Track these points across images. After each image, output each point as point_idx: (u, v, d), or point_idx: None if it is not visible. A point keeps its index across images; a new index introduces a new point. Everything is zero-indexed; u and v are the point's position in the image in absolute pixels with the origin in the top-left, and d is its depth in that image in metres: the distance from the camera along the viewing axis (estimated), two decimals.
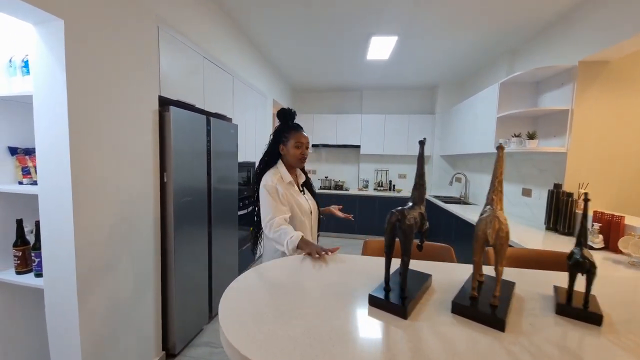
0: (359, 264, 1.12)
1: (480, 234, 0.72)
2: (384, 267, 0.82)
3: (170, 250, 1.83)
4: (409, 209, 0.75)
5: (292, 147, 1.40)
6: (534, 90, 2.74)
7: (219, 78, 2.47)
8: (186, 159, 1.92)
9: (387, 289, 0.77)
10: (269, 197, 1.32)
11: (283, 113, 1.45)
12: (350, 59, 3.51)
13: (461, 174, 4.18)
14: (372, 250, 1.24)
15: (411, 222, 0.70)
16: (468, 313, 0.71)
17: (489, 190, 0.82)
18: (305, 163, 1.45)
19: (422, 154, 0.77)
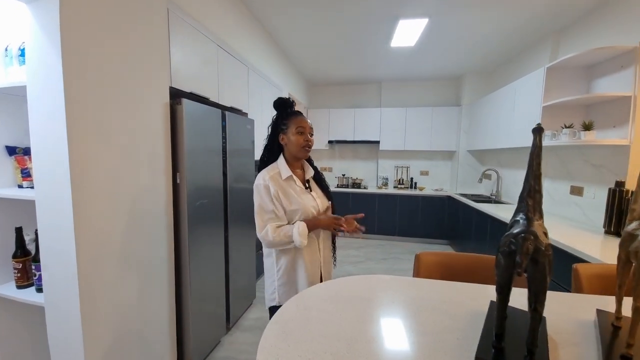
0: (427, 293, 0.85)
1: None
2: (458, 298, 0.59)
3: (184, 257, 1.66)
4: (529, 226, 0.50)
5: (293, 134, 1.21)
6: (585, 76, 2.41)
7: (234, 69, 2.28)
8: (201, 158, 1.74)
9: (499, 347, 0.54)
10: (257, 205, 1.18)
11: (281, 102, 1.27)
12: (372, 47, 3.25)
13: (492, 170, 3.86)
14: (427, 267, 1.02)
15: (550, 251, 0.47)
16: None
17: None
18: (310, 151, 1.26)
19: (540, 146, 0.54)
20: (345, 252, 3.97)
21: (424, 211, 4.34)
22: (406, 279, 0.92)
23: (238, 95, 2.37)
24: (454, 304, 0.76)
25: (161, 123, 1.51)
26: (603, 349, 0.53)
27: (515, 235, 0.48)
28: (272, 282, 1.25)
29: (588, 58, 2.20)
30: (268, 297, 1.26)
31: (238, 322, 2.27)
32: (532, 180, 0.53)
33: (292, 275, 1.22)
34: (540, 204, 0.53)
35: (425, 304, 0.77)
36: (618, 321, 0.62)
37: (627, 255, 0.53)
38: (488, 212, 2.93)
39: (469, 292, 0.82)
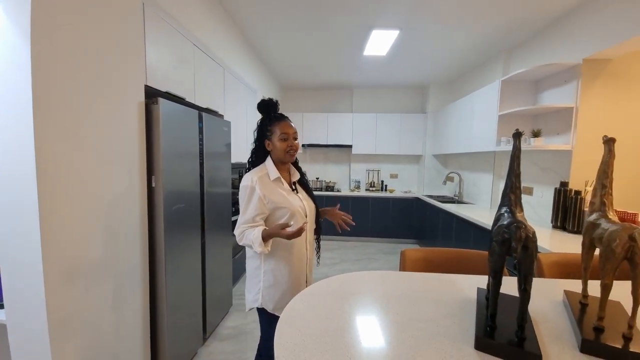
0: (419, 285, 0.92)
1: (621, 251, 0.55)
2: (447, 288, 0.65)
3: (159, 265, 1.57)
4: (514, 217, 0.58)
5: (277, 140, 1.23)
6: (534, 89, 2.73)
7: (210, 70, 2.22)
8: (177, 160, 1.67)
9: (494, 326, 0.60)
10: (244, 200, 1.19)
11: (264, 104, 1.28)
12: (346, 54, 3.36)
13: (455, 173, 4.17)
14: (413, 263, 1.08)
15: (535, 238, 0.54)
16: (602, 351, 0.56)
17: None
18: (295, 156, 1.29)
19: (519, 148, 0.62)
20: (324, 254, 3.99)
21: (394, 212, 4.54)
22: (397, 274, 0.98)
23: (214, 96, 2.30)
24: (444, 293, 0.82)
25: (136, 123, 1.43)
26: (577, 323, 0.62)
27: (508, 225, 0.54)
28: (256, 283, 1.24)
29: (536, 73, 2.50)
30: (251, 298, 1.26)
31: (215, 331, 2.18)
32: (513, 177, 0.60)
33: (279, 277, 1.22)
34: (520, 198, 0.61)
35: (419, 295, 0.82)
36: (585, 299, 0.72)
37: (591, 241, 0.62)
38: (453, 211, 3.16)
39: (456, 283, 0.90)
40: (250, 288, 1.26)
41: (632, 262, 0.53)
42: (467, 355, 0.58)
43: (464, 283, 0.89)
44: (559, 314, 0.72)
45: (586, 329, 0.59)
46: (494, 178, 3.27)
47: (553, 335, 0.63)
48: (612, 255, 0.54)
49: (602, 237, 0.58)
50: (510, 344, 0.56)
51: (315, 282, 0.94)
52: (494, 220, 0.63)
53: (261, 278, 1.22)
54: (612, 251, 0.54)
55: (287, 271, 1.22)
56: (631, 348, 0.54)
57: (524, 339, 0.56)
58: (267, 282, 1.21)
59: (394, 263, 3.72)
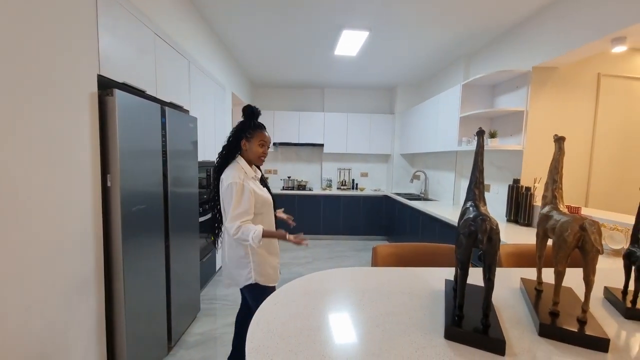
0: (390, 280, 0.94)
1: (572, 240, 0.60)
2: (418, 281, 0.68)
3: (117, 271, 1.44)
4: (479, 210, 0.61)
5: (255, 144, 1.44)
6: (490, 93, 2.94)
7: (173, 62, 2.09)
8: (137, 158, 1.54)
9: (461, 315, 0.63)
10: (236, 196, 1.32)
11: (251, 110, 1.49)
12: (317, 53, 3.36)
13: (421, 172, 4.36)
14: (384, 259, 1.11)
15: (499, 230, 0.57)
16: (559, 334, 0.60)
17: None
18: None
19: (482, 146, 0.65)
20: (294, 253, 3.97)
21: (365, 210, 4.64)
22: (368, 269, 0.99)
23: (178, 90, 2.17)
24: (415, 286, 0.85)
25: (87, 116, 1.29)
26: (534, 308, 0.67)
27: (474, 218, 0.57)
28: (245, 264, 1.42)
29: (493, 78, 2.70)
30: (244, 277, 1.43)
31: (181, 339, 2.07)
32: (477, 173, 0.64)
33: (265, 257, 1.45)
34: (483, 193, 0.65)
35: (392, 289, 0.84)
36: (540, 286, 0.78)
37: (545, 232, 0.68)
38: (420, 208, 3.31)
39: (425, 275, 0.93)
40: (239, 271, 1.43)
41: (583, 250, 0.59)
42: (438, 345, 0.60)
43: (433, 275, 0.93)
44: (517, 300, 0.77)
45: (543, 314, 0.65)
46: (456, 176, 3.48)
47: (514, 320, 0.67)
48: (564, 244, 0.60)
49: (555, 228, 0.64)
50: (477, 331, 0.59)
51: (289, 281, 0.92)
52: (460, 214, 0.67)
53: (250, 259, 1.41)
54: (564, 240, 0.60)
55: (270, 252, 1.47)
56: (586, 331, 0.60)
57: (489, 326, 0.59)
58: (257, 262, 1.42)
59: (366, 260, 3.81)
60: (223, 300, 2.64)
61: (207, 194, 2.78)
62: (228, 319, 2.33)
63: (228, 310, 2.47)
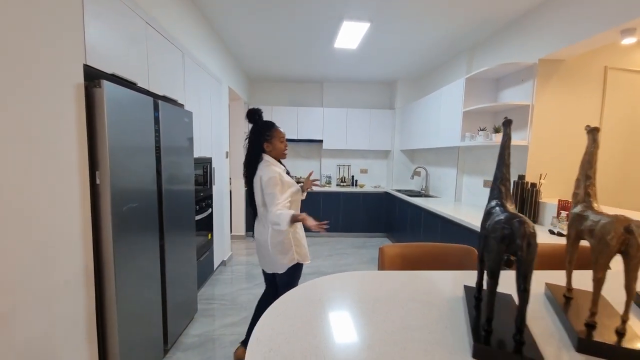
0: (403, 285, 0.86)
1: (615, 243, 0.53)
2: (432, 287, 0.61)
3: (108, 273, 1.37)
4: (508, 210, 0.53)
5: (277, 142, 1.64)
6: (495, 87, 2.87)
7: (167, 53, 1.99)
8: (128, 153, 1.46)
9: (490, 330, 0.56)
10: (276, 189, 1.52)
11: (256, 113, 1.65)
12: (316, 46, 3.26)
13: (421, 168, 4.30)
14: (392, 259, 1.04)
15: (536, 233, 0.50)
16: (600, 349, 0.53)
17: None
18: None
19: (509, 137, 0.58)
20: None
21: (364, 207, 4.58)
22: (377, 274, 0.92)
23: (172, 83, 2.08)
24: (430, 293, 0.78)
25: (72, 109, 1.20)
26: (568, 319, 0.61)
27: (509, 220, 0.50)
28: (288, 248, 1.62)
29: (497, 71, 2.62)
30: (287, 260, 1.61)
31: (178, 340, 2.00)
32: (503, 169, 0.56)
33: (299, 239, 1.66)
34: (510, 190, 0.58)
35: (404, 296, 0.77)
36: (569, 292, 0.72)
37: (578, 234, 0.61)
38: (421, 205, 3.25)
39: (439, 280, 0.86)
40: (283, 255, 1.61)
41: (626, 254, 0.53)
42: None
43: (448, 280, 0.86)
44: (545, 309, 0.71)
45: (578, 326, 0.58)
46: (458, 172, 3.41)
47: (546, 334, 0.61)
48: (607, 248, 0.53)
49: (594, 230, 0.57)
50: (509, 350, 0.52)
51: None
52: (485, 214, 0.59)
53: (292, 243, 1.62)
54: (606, 244, 0.53)
55: (301, 235, 1.69)
56: (626, 344, 0.53)
57: (523, 343, 0.53)
58: (297, 244, 1.64)
59: (366, 257, 3.75)
60: (221, 300, 2.58)
61: (204, 192, 2.70)
62: (226, 320, 2.26)
63: (226, 310, 2.40)
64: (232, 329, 2.15)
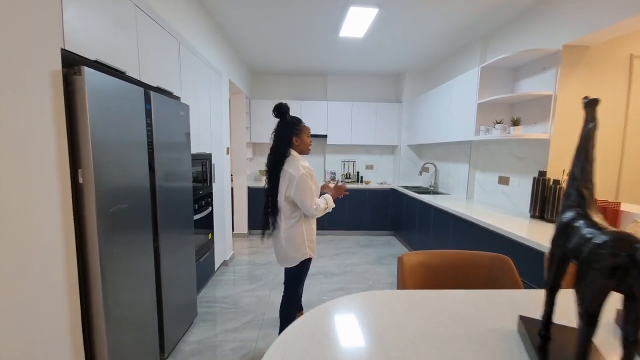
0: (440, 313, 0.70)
1: None
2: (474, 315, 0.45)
3: (94, 280, 1.25)
4: (604, 227, 0.37)
5: (305, 137, 1.69)
6: (512, 77, 2.68)
7: (160, 41, 1.85)
8: (116, 148, 1.33)
9: None
10: (309, 183, 1.58)
11: (284, 108, 1.66)
12: (321, 35, 3.09)
13: (430, 164, 4.13)
14: (412, 269, 0.89)
15: None
16: None
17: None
18: None
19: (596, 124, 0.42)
20: None
21: (370, 204, 4.43)
22: (401, 295, 0.77)
23: (167, 73, 1.94)
24: (472, 324, 0.63)
25: (48, 99, 1.07)
26: None
27: (622, 244, 0.34)
28: (301, 243, 1.67)
29: (516, 59, 2.44)
30: (300, 253, 1.67)
31: (176, 348, 1.89)
32: (586, 166, 0.41)
33: (311, 235, 1.72)
34: (594, 196, 0.43)
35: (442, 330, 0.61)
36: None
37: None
38: (431, 202, 3.09)
39: (479, 303, 0.71)
40: (297, 249, 1.66)
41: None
42: None
43: (490, 304, 0.70)
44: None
45: None
46: (470, 168, 3.24)
47: None
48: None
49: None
50: None
51: None
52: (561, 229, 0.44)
53: (305, 239, 1.67)
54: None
55: (314, 227, 1.75)
56: None
57: None
58: (309, 239, 1.69)
59: (372, 256, 3.62)
60: (222, 302, 2.47)
61: (204, 190, 2.57)
62: (228, 324, 2.15)
63: (228, 314, 2.29)
64: (234, 334, 2.04)
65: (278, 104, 1.66)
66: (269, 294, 2.62)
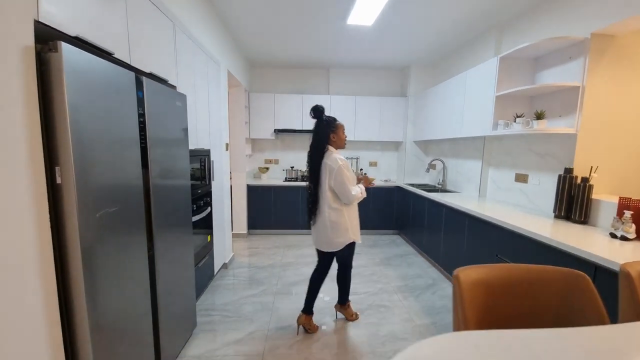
0: None
1: None
2: None
3: (76, 291, 1.05)
4: None
5: (341, 133, 1.94)
6: (532, 67, 2.52)
7: (153, 21, 1.64)
8: (102, 141, 1.13)
9: None
10: (348, 173, 1.82)
11: (320, 109, 1.91)
12: (327, 22, 2.89)
13: (438, 160, 3.98)
14: (472, 290, 0.73)
15: None
16: None
17: None
18: None
19: None
20: (299, 251, 3.61)
21: (374, 202, 4.27)
22: (477, 339, 0.59)
23: (161, 59, 1.73)
24: None
25: (15, 83, 0.87)
26: None
27: None
28: (345, 228, 1.88)
29: (539, 49, 2.27)
30: (345, 238, 1.89)
31: None
32: None
33: (353, 220, 1.94)
34: None
35: None
36: None
37: None
38: (443, 201, 2.93)
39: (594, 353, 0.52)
40: (340, 233, 1.88)
41: None
42: None
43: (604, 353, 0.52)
44: None
45: None
46: (483, 165, 3.09)
47: None
48: None
49: None
50: None
51: None
52: None
53: (348, 224, 1.89)
54: None
55: (356, 214, 1.98)
56: None
57: None
58: (351, 225, 1.91)
59: (378, 257, 3.46)
60: (223, 310, 2.28)
61: (202, 189, 2.38)
62: (230, 336, 1.97)
63: (230, 323, 2.11)
64: (237, 347, 1.86)
65: (314, 107, 1.90)
66: (272, 300, 2.45)
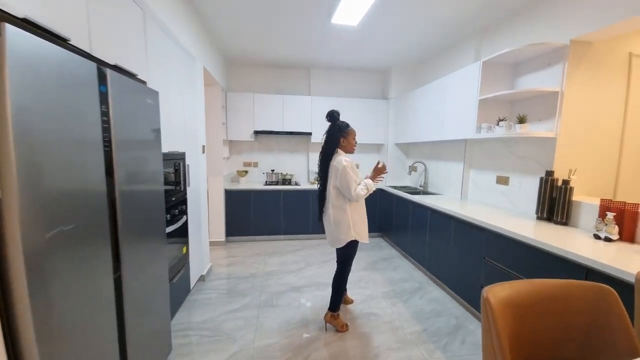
0: None
1: None
2: None
3: (24, 328, 0.85)
4: None
5: (351, 138, 2.07)
6: (512, 72, 2.59)
7: (119, 6, 1.44)
8: (55, 144, 0.93)
9: None
10: (351, 173, 1.92)
11: (335, 114, 2.07)
12: (310, 21, 2.78)
13: (420, 162, 4.01)
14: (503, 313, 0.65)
15: None
16: None
17: None
18: None
19: None
20: (282, 258, 3.45)
21: None
22: None
23: (128, 50, 1.52)
24: None
25: None
26: None
27: None
28: (347, 225, 1.97)
29: (519, 54, 2.33)
30: (343, 236, 1.98)
31: None
32: None
33: (357, 218, 2.02)
34: None
35: None
36: None
37: None
38: (428, 204, 2.93)
39: None
40: (342, 232, 1.97)
41: None
42: None
43: None
44: None
45: None
46: (465, 167, 3.14)
47: None
48: None
49: None
50: None
51: None
52: None
53: (350, 224, 1.97)
54: None
55: (361, 218, 2.06)
56: None
57: None
58: (353, 224, 1.99)
59: (365, 261, 3.39)
60: (201, 329, 2.08)
61: (177, 196, 2.16)
62: (210, 359, 1.78)
63: (209, 344, 1.92)
64: None
65: (330, 111, 2.05)
66: (256, 314, 2.28)
